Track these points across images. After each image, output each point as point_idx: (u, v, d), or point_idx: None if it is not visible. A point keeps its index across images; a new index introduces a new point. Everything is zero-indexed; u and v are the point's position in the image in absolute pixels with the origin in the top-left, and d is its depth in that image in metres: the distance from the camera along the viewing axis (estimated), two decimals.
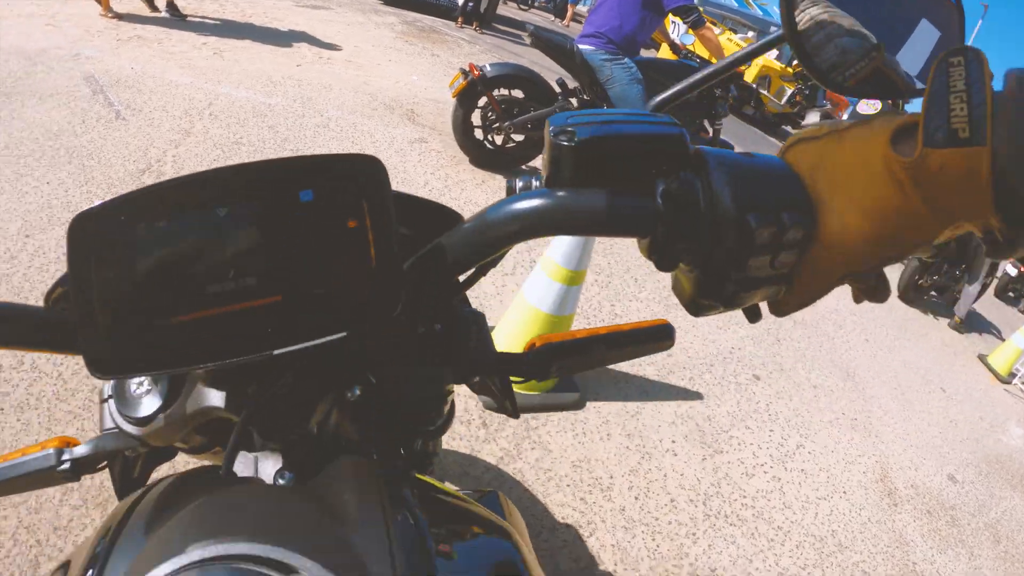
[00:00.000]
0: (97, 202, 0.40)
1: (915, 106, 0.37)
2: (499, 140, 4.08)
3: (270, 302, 0.40)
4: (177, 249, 0.40)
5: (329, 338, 0.41)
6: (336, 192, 0.41)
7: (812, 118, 10.26)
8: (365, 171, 0.42)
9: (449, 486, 0.66)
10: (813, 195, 0.38)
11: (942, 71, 0.33)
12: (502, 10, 11.05)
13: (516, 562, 0.53)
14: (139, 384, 0.50)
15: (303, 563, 0.36)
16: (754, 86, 4.58)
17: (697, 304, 0.42)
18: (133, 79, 3.98)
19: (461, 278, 0.53)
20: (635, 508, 2.11)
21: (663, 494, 2.20)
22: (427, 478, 0.64)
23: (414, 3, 9.57)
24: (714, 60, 4.39)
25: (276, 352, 0.40)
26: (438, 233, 0.47)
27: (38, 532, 1.50)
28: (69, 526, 1.52)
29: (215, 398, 0.49)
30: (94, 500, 1.59)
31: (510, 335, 2.33)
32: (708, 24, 4.05)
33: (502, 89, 3.89)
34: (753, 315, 0.44)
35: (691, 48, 5.06)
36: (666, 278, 3.51)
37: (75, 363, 1.95)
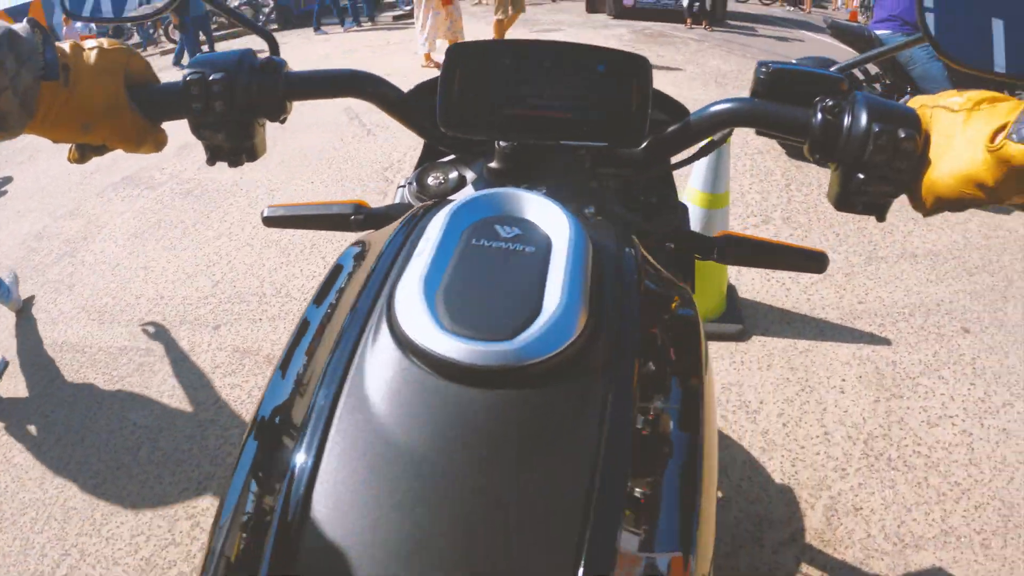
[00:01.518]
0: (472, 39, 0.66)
1: None
2: None
3: (564, 116, 0.64)
4: (513, 76, 0.64)
5: (596, 143, 0.66)
6: (619, 70, 0.64)
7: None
8: (639, 65, 0.64)
9: None
10: (926, 131, 0.52)
11: None
12: (734, 6, 10.68)
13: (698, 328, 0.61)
14: (435, 177, 0.74)
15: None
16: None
17: (841, 197, 0.56)
18: None
19: (675, 162, 0.75)
20: (780, 434, 1.98)
21: (817, 426, 2.04)
22: None
23: (642, 13, 9.90)
24: None
25: (562, 142, 0.65)
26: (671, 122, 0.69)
27: None
28: None
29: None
30: None
31: None
32: None
33: None
34: (881, 213, 0.58)
35: None
36: (856, 234, 3.20)
37: None
